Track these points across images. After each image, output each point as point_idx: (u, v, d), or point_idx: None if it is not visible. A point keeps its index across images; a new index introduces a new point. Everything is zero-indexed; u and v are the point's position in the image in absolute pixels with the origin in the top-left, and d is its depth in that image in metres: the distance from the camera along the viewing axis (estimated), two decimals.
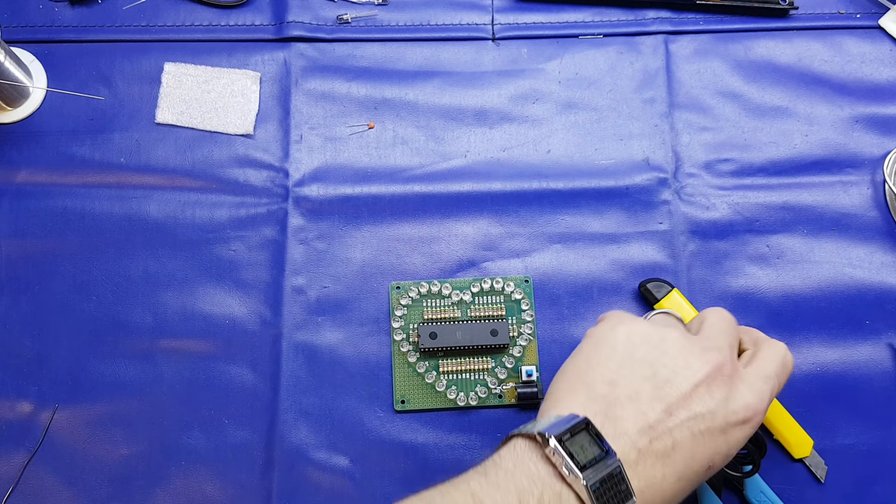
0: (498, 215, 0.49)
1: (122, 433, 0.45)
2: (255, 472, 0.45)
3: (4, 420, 0.45)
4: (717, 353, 0.36)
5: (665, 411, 0.34)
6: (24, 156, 0.49)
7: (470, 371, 0.46)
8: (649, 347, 0.36)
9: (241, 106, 0.50)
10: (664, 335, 0.37)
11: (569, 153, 0.50)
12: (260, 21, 0.52)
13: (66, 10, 0.52)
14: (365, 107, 0.51)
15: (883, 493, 0.45)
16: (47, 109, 0.50)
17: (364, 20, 0.52)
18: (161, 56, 0.51)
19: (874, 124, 0.51)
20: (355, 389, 0.46)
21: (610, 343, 0.37)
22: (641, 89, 0.51)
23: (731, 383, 0.35)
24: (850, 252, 0.49)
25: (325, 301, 0.47)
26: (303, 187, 0.49)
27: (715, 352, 0.36)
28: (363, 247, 0.48)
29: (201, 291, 0.47)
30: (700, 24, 0.53)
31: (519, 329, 0.47)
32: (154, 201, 0.49)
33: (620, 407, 0.34)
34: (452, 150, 0.50)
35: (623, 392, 0.35)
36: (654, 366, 0.35)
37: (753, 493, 0.43)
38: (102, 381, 0.46)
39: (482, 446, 0.45)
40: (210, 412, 0.45)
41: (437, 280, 0.48)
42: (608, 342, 0.37)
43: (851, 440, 0.46)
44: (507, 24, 0.53)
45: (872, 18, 0.53)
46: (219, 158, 0.50)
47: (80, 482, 0.44)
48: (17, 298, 0.47)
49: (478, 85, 0.51)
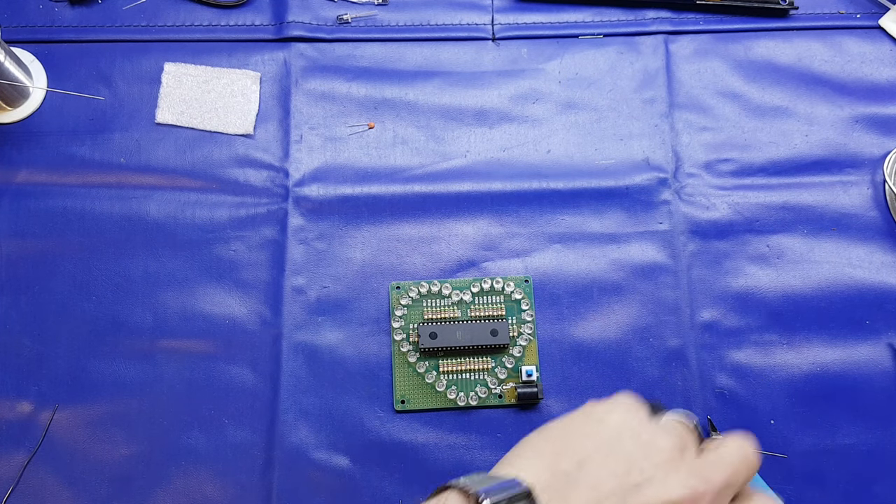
0: (498, 215, 0.49)
1: (122, 433, 0.45)
2: (255, 472, 0.45)
3: (4, 420, 0.45)
4: (705, 484, 0.31)
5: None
6: (24, 156, 0.49)
7: (470, 371, 0.46)
8: (636, 446, 0.33)
9: (241, 106, 0.50)
10: (657, 440, 0.33)
11: (569, 153, 0.50)
12: (260, 21, 0.52)
13: (66, 10, 0.52)
14: (365, 107, 0.51)
15: (883, 493, 0.45)
16: (47, 109, 0.50)
17: (364, 20, 0.52)
18: (161, 56, 0.51)
19: (874, 124, 0.51)
20: (355, 389, 0.46)
21: (600, 422, 0.34)
22: (641, 89, 0.51)
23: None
24: (850, 252, 0.49)
25: (325, 301, 0.47)
26: (303, 187, 0.49)
27: (703, 482, 0.31)
28: (363, 247, 0.48)
29: (201, 291, 0.47)
30: (700, 24, 0.53)
31: (519, 329, 0.47)
32: (154, 201, 0.49)
33: (577, 491, 0.31)
34: (452, 150, 0.50)
35: (587, 478, 0.31)
36: (631, 466, 0.32)
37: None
38: (102, 381, 0.46)
39: (482, 446, 0.45)
40: (210, 412, 0.45)
41: (437, 280, 0.48)
42: (599, 421, 0.34)
43: (851, 440, 0.46)
44: (507, 24, 0.53)
45: (872, 18, 0.53)
46: (219, 158, 0.50)
47: (80, 482, 0.44)
48: (17, 298, 0.47)
49: (478, 85, 0.51)
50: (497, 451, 0.45)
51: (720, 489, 0.31)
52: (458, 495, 0.31)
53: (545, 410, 0.46)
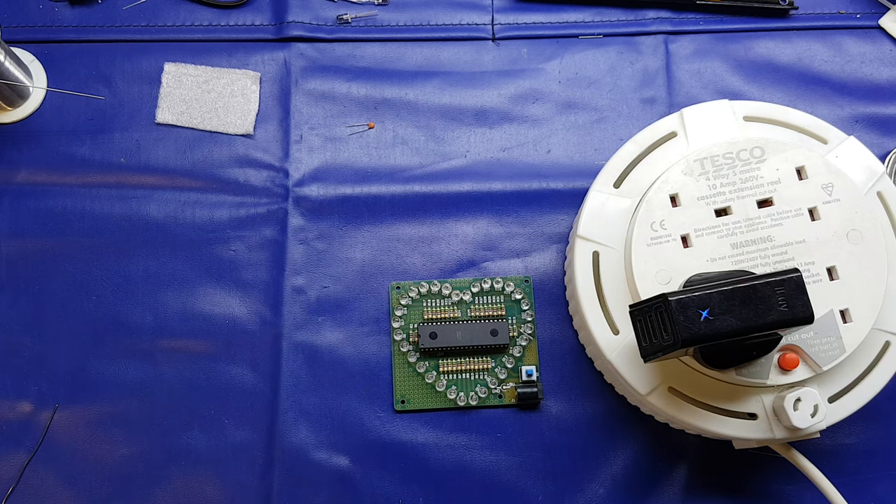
0: (498, 215, 0.49)
1: (122, 433, 0.45)
2: (255, 472, 0.45)
3: (4, 420, 0.45)
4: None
5: None
6: (24, 156, 0.49)
7: (470, 371, 0.46)
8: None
9: (241, 106, 0.50)
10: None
11: (569, 153, 0.50)
12: (260, 21, 0.52)
13: (66, 10, 0.52)
14: (365, 107, 0.51)
15: (883, 493, 0.45)
16: (47, 109, 0.50)
17: (364, 20, 0.52)
18: (161, 56, 0.51)
19: (874, 124, 0.51)
20: (355, 389, 0.46)
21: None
22: (641, 89, 0.51)
23: None
24: None
25: (325, 301, 0.47)
26: (303, 187, 0.49)
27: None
28: (363, 247, 0.48)
29: (201, 291, 0.47)
30: (700, 24, 0.53)
31: (519, 329, 0.47)
32: (154, 201, 0.49)
33: None
34: (452, 150, 0.50)
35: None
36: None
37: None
38: (102, 381, 0.46)
39: (482, 446, 0.45)
40: (210, 412, 0.45)
41: (437, 280, 0.48)
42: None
43: (851, 440, 0.46)
44: (507, 24, 0.53)
45: (872, 18, 0.53)
46: (219, 158, 0.50)
47: (80, 482, 0.44)
48: (17, 298, 0.47)
49: (478, 85, 0.51)
50: (497, 451, 0.45)
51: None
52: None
53: (545, 410, 0.46)
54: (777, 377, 0.39)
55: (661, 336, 0.35)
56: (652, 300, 0.35)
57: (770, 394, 0.40)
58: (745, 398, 0.40)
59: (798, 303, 0.34)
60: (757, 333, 0.35)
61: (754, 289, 0.34)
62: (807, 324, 0.34)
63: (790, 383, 0.39)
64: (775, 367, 0.39)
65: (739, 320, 0.34)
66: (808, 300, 0.34)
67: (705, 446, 0.45)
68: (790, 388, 0.39)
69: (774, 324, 0.34)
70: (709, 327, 0.34)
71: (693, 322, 0.34)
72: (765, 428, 0.40)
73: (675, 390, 0.40)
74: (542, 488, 0.45)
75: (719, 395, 0.40)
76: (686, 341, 0.34)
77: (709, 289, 0.34)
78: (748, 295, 0.34)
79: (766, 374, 0.39)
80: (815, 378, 0.39)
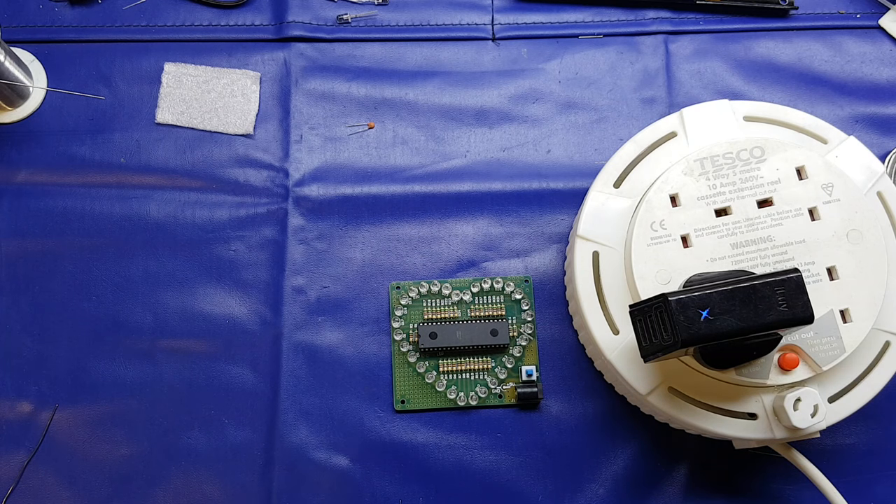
0: (498, 215, 0.49)
1: (122, 433, 0.45)
2: (255, 472, 0.45)
3: (4, 420, 0.45)
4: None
5: None
6: (24, 156, 0.49)
7: (470, 371, 0.46)
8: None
9: (241, 106, 0.50)
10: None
11: (569, 153, 0.50)
12: (260, 21, 0.52)
13: (66, 10, 0.52)
14: (365, 107, 0.51)
15: (883, 492, 0.45)
16: (47, 109, 0.50)
17: (364, 20, 0.52)
18: (161, 56, 0.51)
19: (874, 124, 0.51)
20: (355, 389, 0.46)
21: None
22: (641, 89, 0.52)
23: None
24: None
25: (325, 301, 0.47)
26: (303, 187, 0.49)
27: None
28: (363, 247, 0.48)
29: (201, 291, 0.47)
30: (700, 24, 0.53)
31: (519, 329, 0.47)
32: (154, 201, 0.49)
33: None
34: (452, 150, 0.50)
35: None
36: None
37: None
38: (102, 381, 0.46)
39: (482, 446, 0.45)
40: (210, 412, 0.45)
41: (437, 280, 0.48)
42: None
43: (851, 440, 0.46)
44: (507, 24, 0.53)
45: (872, 18, 0.53)
46: (219, 158, 0.50)
47: (80, 482, 0.44)
48: (17, 298, 0.47)
49: (478, 85, 0.52)
50: (497, 451, 0.45)
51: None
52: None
53: (545, 410, 0.46)
54: (777, 377, 0.39)
55: (661, 336, 0.35)
56: (652, 300, 0.35)
57: (770, 394, 0.40)
58: (745, 398, 0.40)
59: (798, 303, 0.34)
60: (757, 333, 0.35)
61: (754, 289, 0.34)
62: (807, 324, 0.34)
63: (790, 383, 0.39)
64: (775, 367, 0.39)
65: (739, 320, 0.34)
66: (808, 300, 0.34)
67: (705, 446, 0.45)
68: (790, 388, 0.39)
69: (774, 324, 0.34)
70: (709, 327, 0.34)
71: (693, 322, 0.34)
72: (765, 428, 0.40)
73: (675, 390, 0.40)
74: (542, 488, 0.45)
75: (719, 395, 0.40)
76: (686, 341, 0.34)
77: (709, 289, 0.34)
78: (748, 295, 0.34)
79: (766, 374, 0.39)
80: (815, 378, 0.39)
